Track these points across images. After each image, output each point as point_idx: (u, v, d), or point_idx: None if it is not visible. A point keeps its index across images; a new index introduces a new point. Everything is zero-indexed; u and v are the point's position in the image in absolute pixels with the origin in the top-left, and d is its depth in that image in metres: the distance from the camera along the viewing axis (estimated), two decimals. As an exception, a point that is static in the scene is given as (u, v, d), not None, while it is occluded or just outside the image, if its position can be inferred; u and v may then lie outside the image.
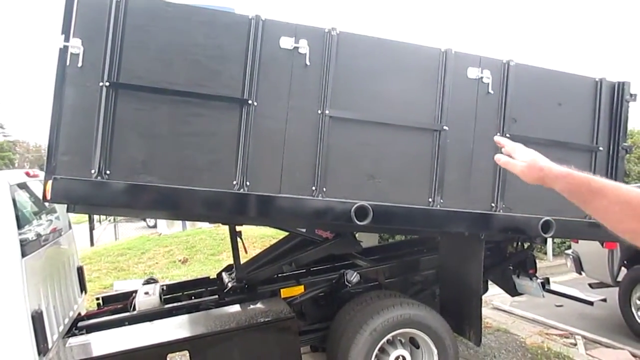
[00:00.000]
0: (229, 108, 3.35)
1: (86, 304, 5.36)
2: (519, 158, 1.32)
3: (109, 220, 18.88)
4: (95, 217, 16.55)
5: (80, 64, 3.05)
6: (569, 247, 9.58)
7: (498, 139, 1.46)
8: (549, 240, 9.60)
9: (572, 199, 1.19)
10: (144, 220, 18.91)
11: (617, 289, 6.19)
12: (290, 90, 3.44)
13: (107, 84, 3.08)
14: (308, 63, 3.45)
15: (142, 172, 3.19)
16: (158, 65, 3.25)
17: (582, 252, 6.58)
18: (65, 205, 3.89)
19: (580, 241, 6.44)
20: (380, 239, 7.05)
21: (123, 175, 3.15)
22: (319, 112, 3.47)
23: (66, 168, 3.04)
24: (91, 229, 14.63)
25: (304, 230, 4.52)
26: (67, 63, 3.04)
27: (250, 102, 3.32)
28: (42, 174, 4.22)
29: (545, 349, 5.55)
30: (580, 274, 6.78)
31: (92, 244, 14.00)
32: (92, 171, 3.07)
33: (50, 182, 3.01)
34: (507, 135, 3.90)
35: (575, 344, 5.86)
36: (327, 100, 3.48)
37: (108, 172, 3.10)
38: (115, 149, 3.13)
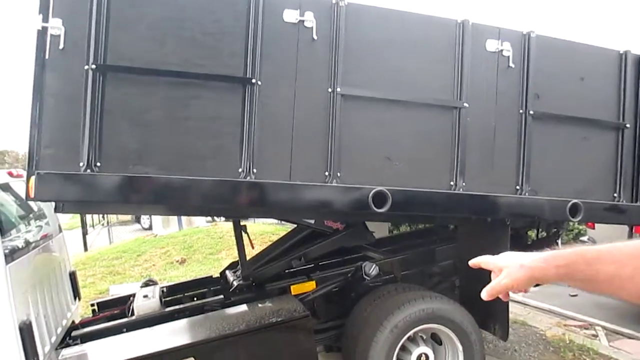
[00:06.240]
0: (230, 89, 3.04)
1: (81, 311, 5.05)
2: (493, 267, 1.15)
3: (102, 224, 18.49)
4: (88, 221, 16.16)
5: (61, 46, 2.73)
6: (578, 234, 9.37)
7: (471, 262, 1.25)
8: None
9: (575, 283, 1.03)
10: (139, 222, 18.57)
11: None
12: (297, 68, 3.14)
13: (93, 66, 2.76)
14: (315, 37, 3.14)
15: (136, 162, 2.88)
16: (149, 44, 2.93)
17: (600, 238, 6.29)
18: (53, 205, 3.59)
19: (597, 227, 6.16)
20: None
21: (115, 167, 2.84)
22: (329, 90, 3.17)
23: (51, 162, 2.73)
24: (84, 233, 14.22)
25: (312, 221, 4.22)
26: (47, 46, 2.72)
27: (254, 81, 3.01)
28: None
29: (567, 342, 5.27)
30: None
31: (85, 248, 13.61)
32: (81, 164, 2.75)
33: (33, 179, 2.69)
34: (530, 112, 3.63)
35: (596, 336, 5.58)
36: (337, 77, 3.17)
37: (98, 164, 2.79)
38: (106, 138, 2.82)
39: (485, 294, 1.13)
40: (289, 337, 3.47)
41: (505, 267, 1.09)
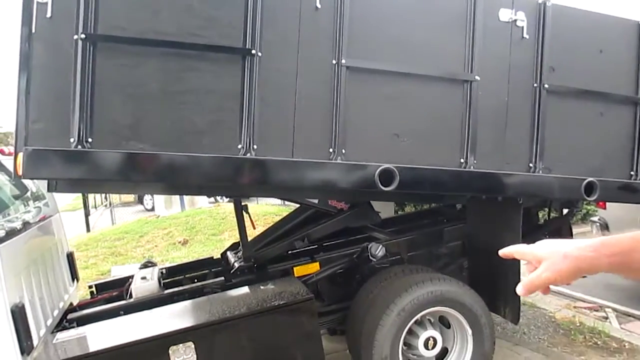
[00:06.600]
0: (229, 60, 2.86)
1: (83, 292, 4.95)
2: (531, 257, 1.00)
3: (105, 205, 18.42)
4: (91, 202, 16.08)
5: (49, 14, 2.54)
6: (586, 214, 9.17)
7: (502, 252, 1.12)
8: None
9: (629, 274, 0.93)
10: (142, 203, 18.52)
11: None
12: (299, 38, 2.94)
13: (83, 36, 2.57)
14: (319, 6, 2.94)
15: (130, 138, 2.71)
16: (143, 12, 2.74)
17: (611, 218, 6.12)
18: (46, 184, 3.46)
19: (608, 207, 6.00)
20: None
21: (108, 143, 2.67)
22: (334, 62, 2.98)
23: (40, 137, 2.57)
24: (86, 214, 14.15)
25: (315, 201, 4.08)
26: (34, 14, 2.53)
27: (253, 52, 2.83)
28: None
29: (578, 324, 5.15)
30: (608, 242, 6.33)
31: (88, 229, 13.55)
32: (71, 140, 2.59)
33: (21, 155, 2.54)
34: (545, 86, 3.45)
35: (607, 318, 5.47)
36: (342, 48, 2.98)
37: (90, 140, 2.62)
38: (97, 112, 2.64)
39: (523, 289, 0.97)
40: (292, 320, 3.34)
41: (546, 258, 0.94)
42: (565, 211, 4.69)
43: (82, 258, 9.24)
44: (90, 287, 4.39)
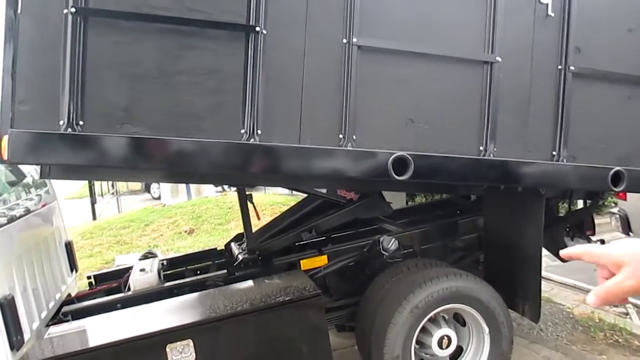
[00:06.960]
0: (231, 38, 2.64)
1: (84, 281, 4.79)
2: (606, 260, 0.81)
3: (112, 194, 18.33)
4: (97, 190, 15.99)
5: None
6: (602, 206, 8.89)
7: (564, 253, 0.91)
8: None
9: None
10: (149, 191, 18.42)
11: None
12: (307, 15, 2.72)
13: (73, 10, 2.37)
14: (328, -21, 2.73)
15: (125, 121, 2.51)
16: (138, -16, 2.54)
17: (632, 210, 5.86)
18: (39, 170, 3.29)
19: (629, 199, 5.73)
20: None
21: (101, 126, 2.47)
22: (345, 41, 2.76)
23: (26, 119, 2.37)
24: (92, 202, 14.05)
25: (324, 190, 3.88)
26: None
27: (258, 29, 2.61)
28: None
29: (597, 320, 4.93)
30: (628, 235, 6.08)
31: (94, 217, 13.46)
32: (61, 122, 2.39)
33: (6, 138, 2.35)
34: (570, 68, 3.21)
35: (627, 314, 5.22)
36: (354, 26, 2.75)
37: (81, 122, 2.42)
38: (89, 93, 2.44)
39: (596, 300, 0.77)
40: (298, 317, 3.14)
41: (628, 262, 0.74)
42: (582, 203, 4.46)
43: (87, 246, 9.15)
44: (89, 277, 4.24)
